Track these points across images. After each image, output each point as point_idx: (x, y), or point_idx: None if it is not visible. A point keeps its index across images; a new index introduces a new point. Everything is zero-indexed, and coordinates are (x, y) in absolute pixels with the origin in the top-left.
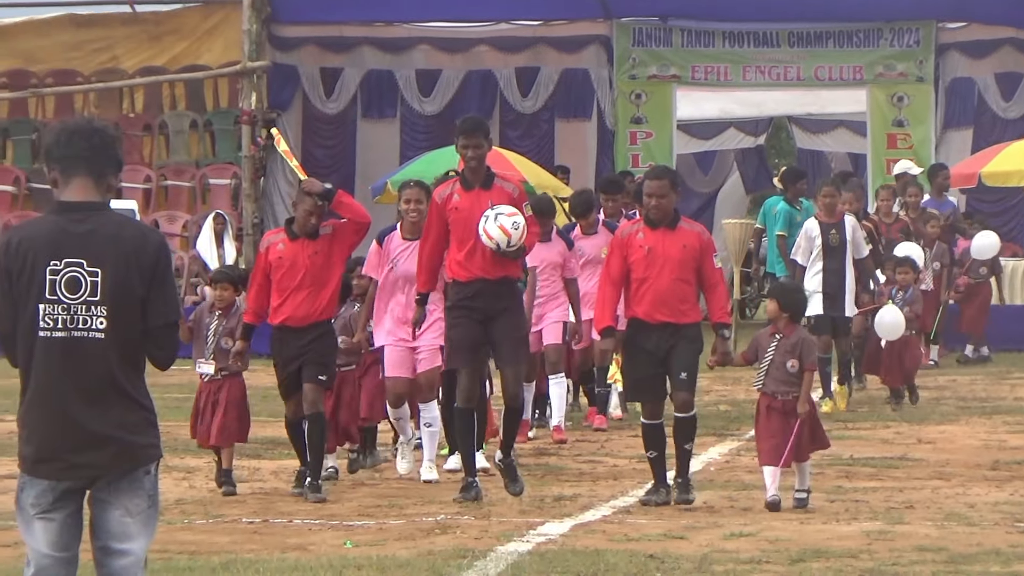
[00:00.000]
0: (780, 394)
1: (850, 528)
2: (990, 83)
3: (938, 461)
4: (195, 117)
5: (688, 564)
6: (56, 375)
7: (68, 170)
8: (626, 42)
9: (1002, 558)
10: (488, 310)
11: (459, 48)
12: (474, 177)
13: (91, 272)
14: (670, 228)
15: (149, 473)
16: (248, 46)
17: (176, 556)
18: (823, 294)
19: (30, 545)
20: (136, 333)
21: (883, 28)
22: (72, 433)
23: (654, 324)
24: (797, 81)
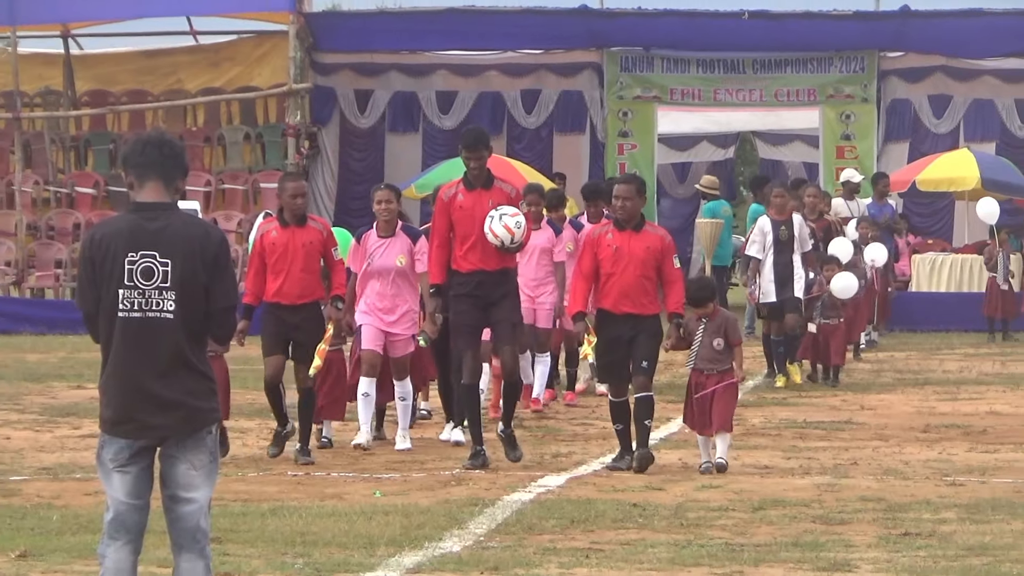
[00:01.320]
0: (707, 370)
1: (803, 481)
2: (924, 103)
3: (878, 425)
4: (248, 130)
5: (665, 511)
6: (132, 350)
7: (143, 175)
8: (615, 68)
9: (932, 507)
10: (488, 297)
11: (472, 73)
12: (476, 180)
13: (162, 263)
14: (635, 230)
15: (211, 433)
16: (293, 70)
17: (231, 503)
18: (775, 283)
19: (109, 494)
20: (200, 314)
21: (833, 56)
22: (145, 399)
23: (619, 315)
24: (760, 101)
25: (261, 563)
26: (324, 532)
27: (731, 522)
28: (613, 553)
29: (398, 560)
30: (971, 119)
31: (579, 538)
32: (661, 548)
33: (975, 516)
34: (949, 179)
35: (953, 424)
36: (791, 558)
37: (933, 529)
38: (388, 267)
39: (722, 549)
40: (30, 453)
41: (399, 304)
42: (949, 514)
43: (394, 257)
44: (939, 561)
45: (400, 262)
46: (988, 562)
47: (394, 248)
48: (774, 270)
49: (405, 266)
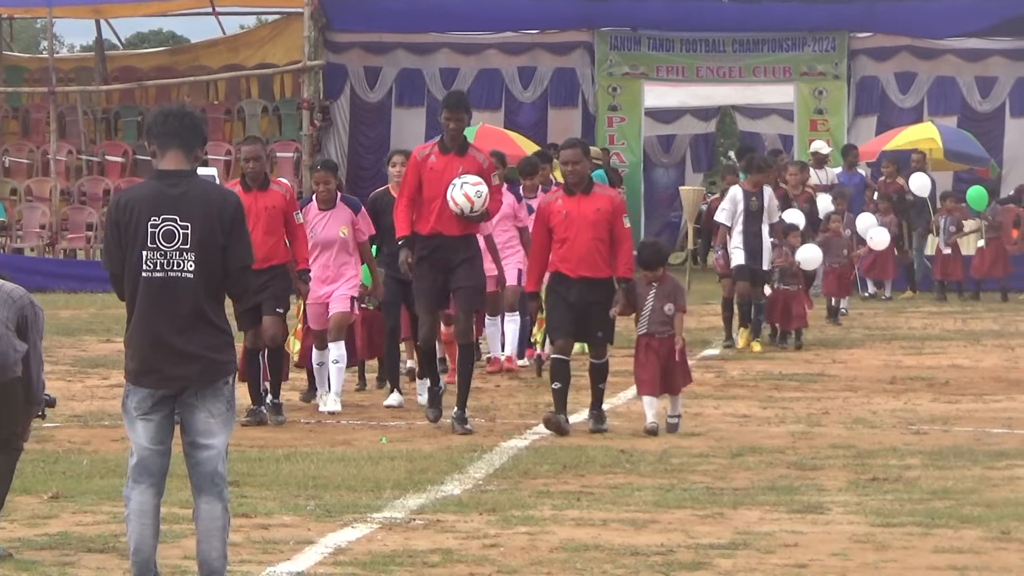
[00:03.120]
0: (658, 334)
1: (779, 429)
2: (891, 80)
3: (848, 377)
4: (266, 104)
5: (651, 457)
6: (155, 306)
7: (164, 145)
8: (605, 47)
9: (898, 453)
10: (448, 262)
11: (473, 51)
12: (452, 143)
13: (183, 226)
14: (585, 193)
15: (228, 383)
16: (308, 49)
17: (248, 449)
18: (744, 251)
19: (133, 440)
20: (218, 274)
21: (807, 36)
22: (167, 352)
23: (575, 278)
24: (739, 78)
25: (276, 504)
26: (334, 476)
27: (712, 467)
28: (602, 496)
29: (403, 502)
30: (934, 95)
31: (571, 482)
32: (647, 491)
33: (938, 462)
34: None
35: (918, 376)
36: (767, 501)
37: (899, 474)
38: (331, 238)
39: (704, 493)
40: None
41: (340, 275)
42: (914, 460)
43: (336, 228)
44: (905, 504)
45: (343, 233)
46: (950, 505)
47: (336, 219)
48: (743, 238)
49: (347, 236)
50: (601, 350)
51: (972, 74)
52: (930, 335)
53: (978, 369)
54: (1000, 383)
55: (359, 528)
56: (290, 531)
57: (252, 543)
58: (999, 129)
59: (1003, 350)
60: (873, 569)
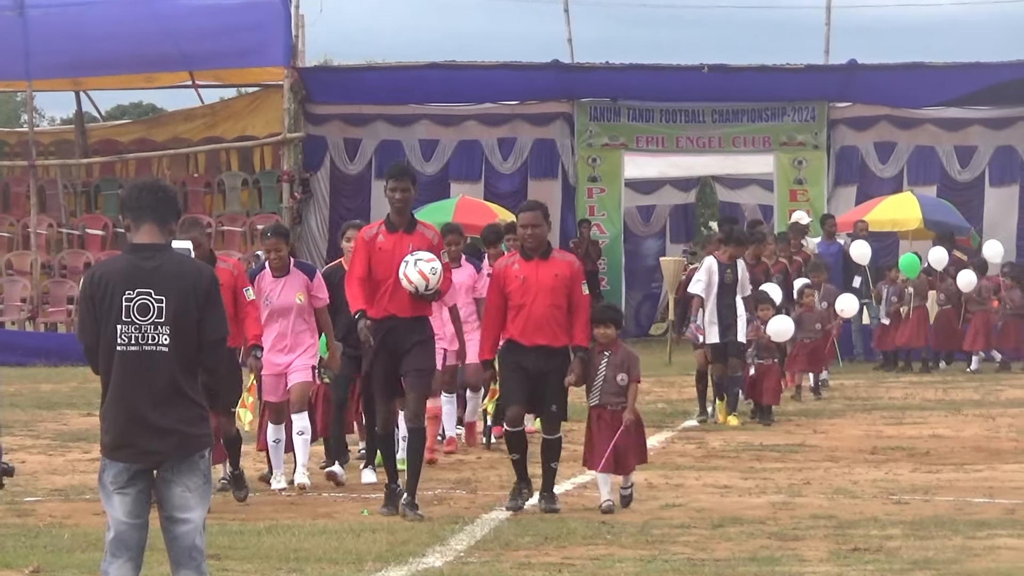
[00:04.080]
0: (611, 405)
1: (760, 500)
2: (870, 150)
3: (829, 447)
4: (246, 176)
5: (632, 528)
6: (130, 380)
7: (138, 218)
8: (584, 118)
9: (879, 524)
10: (400, 345)
11: (453, 123)
12: (399, 220)
13: (157, 299)
14: (543, 258)
15: (203, 457)
16: (287, 121)
17: (230, 522)
18: (718, 324)
19: (110, 514)
20: (193, 347)
21: (786, 106)
22: (142, 426)
23: (530, 347)
24: (719, 148)
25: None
26: (315, 549)
27: (693, 538)
28: (584, 568)
29: (384, 575)
30: (914, 164)
31: (552, 554)
32: (628, 563)
33: (919, 532)
34: (894, 220)
35: (899, 447)
36: (749, 572)
37: (880, 544)
38: (287, 305)
39: (685, 564)
40: (43, 476)
41: (297, 344)
42: (895, 530)
43: (292, 295)
44: (886, 575)
45: (299, 299)
46: (931, 575)
47: (291, 286)
48: (717, 312)
49: (304, 303)
50: (555, 425)
51: (951, 143)
52: (911, 405)
53: (959, 439)
54: (981, 452)
55: None
56: None
57: None
58: (979, 198)
59: (984, 419)
60: None
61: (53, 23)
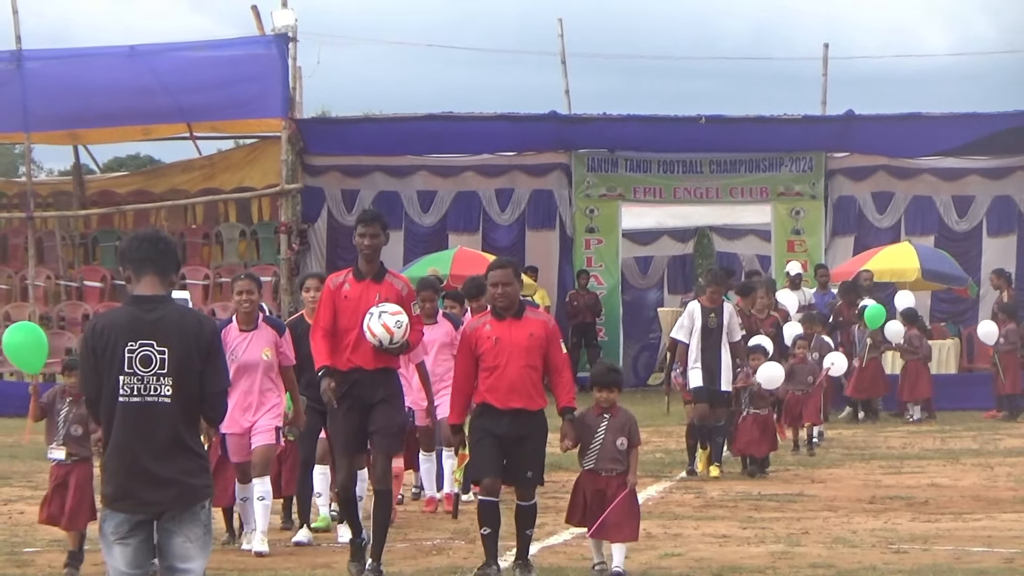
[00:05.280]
0: (606, 471)
1: (759, 549)
2: (868, 200)
3: (828, 496)
4: (244, 228)
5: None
6: (132, 431)
7: (139, 270)
8: (582, 169)
9: (878, 573)
10: (366, 399)
11: (451, 174)
12: (367, 268)
13: (160, 351)
14: (516, 317)
15: (204, 508)
16: (285, 172)
17: (229, 572)
18: (701, 369)
19: (110, 564)
20: (195, 398)
21: (783, 157)
22: (144, 477)
23: (505, 410)
24: (716, 199)
25: None
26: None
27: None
28: None
29: None
30: (912, 214)
31: None
32: None
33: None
34: (892, 270)
35: (897, 496)
36: None
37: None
38: (254, 362)
39: None
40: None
41: (263, 403)
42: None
43: (259, 351)
44: None
45: (266, 355)
46: None
47: (258, 341)
48: (700, 357)
49: (271, 359)
50: (530, 491)
51: (949, 193)
52: (909, 454)
53: (957, 488)
54: (979, 502)
55: None
56: None
57: None
58: (977, 248)
59: (982, 468)
60: None
61: (51, 76)
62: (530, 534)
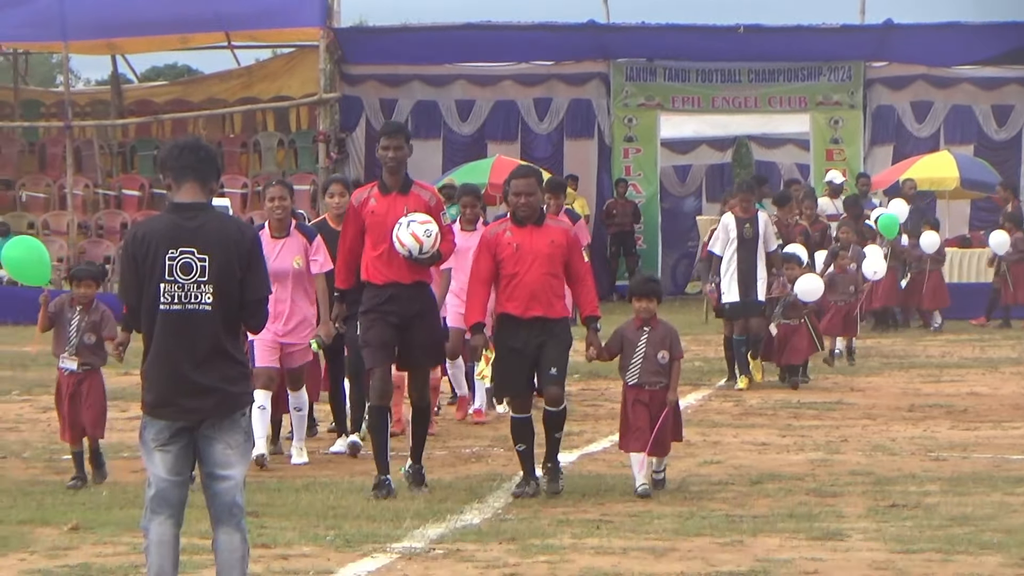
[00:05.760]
0: (649, 384)
1: (798, 457)
2: (906, 109)
3: (867, 405)
4: (282, 137)
5: (671, 485)
6: (173, 340)
7: (180, 177)
8: (621, 78)
9: (917, 480)
10: (403, 313)
11: (489, 83)
12: (392, 180)
13: (200, 258)
14: (537, 225)
15: (244, 415)
16: (323, 81)
17: (268, 480)
18: (738, 282)
19: (151, 471)
20: (236, 306)
21: (822, 66)
22: (184, 385)
23: (526, 319)
24: (755, 108)
25: (295, 535)
26: (353, 506)
27: (731, 495)
28: (622, 524)
29: (423, 532)
30: (951, 124)
31: (590, 510)
32: (666, 519)
33: (957, 489)
34: (931, 179)
35: (936, 404)
36: (787, 528)
37: (918, 501)
38: (284, 270)
39: (723, 520)
40: None
41: (295, 312)
42: (933, 487)
43: (290, 259)
44: (924, 531)
45: (297, 264)
46: (970, 531)
47: (289, 249)
48: (737, 268)
49: (302, 268)
50: (557, 394)
51: (988, 103)
52: (948, 363)
53: (996, 396)
54: (1019, 410)
55: (379, 558)
56: (310, 561)
57: (272, 573)
58: (1016, 158)
59: (1021, 377)
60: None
61: None
62: (559, 437)
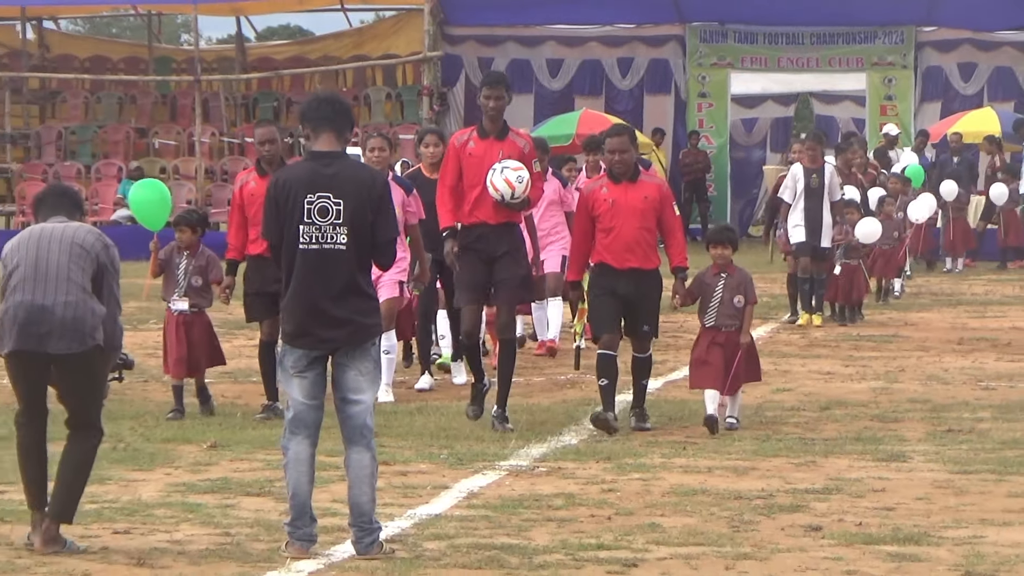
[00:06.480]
0: (725, 327)
1: (860, 386)
2: (953, 69)
3: (920, 338)
4: (389, 91)
5: (748, 411)
6: (311, 276)
7: (317, 128)
8: (695, 40)
9: (970, 407)
10: (491, 251)
11: (576, 43)
12: (491, 126)
13: (336, 202)
14: (631, 181)
15: (374, 344)
16: (427, 41)
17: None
18: (805, 227)
19: (290, 395)
20: (368, 246)
21: (877, 30)
22: (321, 317)
23: (622, 270)
24: (816, 67)
25: (412, 453)
26: (463, 428)
27: (803, 420)
28: (706, 445)
29: (526, 451)
30: (993, 83)
31: (676, 433)
32: (746, 442)
33: (1007, 415)
34: (975, 132)
35: (983, 338)
36: (855, 450)
37: (972, 426)
38: None
39: (797, 443)
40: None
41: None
42: (985, 414)
43: None
44: (979, 453)
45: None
46: (1020, 454)
47: None
48: (805, 215)
49: (399, 217)
50: (645, 343)
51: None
52: (991, 300)
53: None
54: None
55: (489, 475)
56: (427, 477)
57: (393, 488)
58: None
59: None
60: (954, 512)
61: None
62: (645, 384)
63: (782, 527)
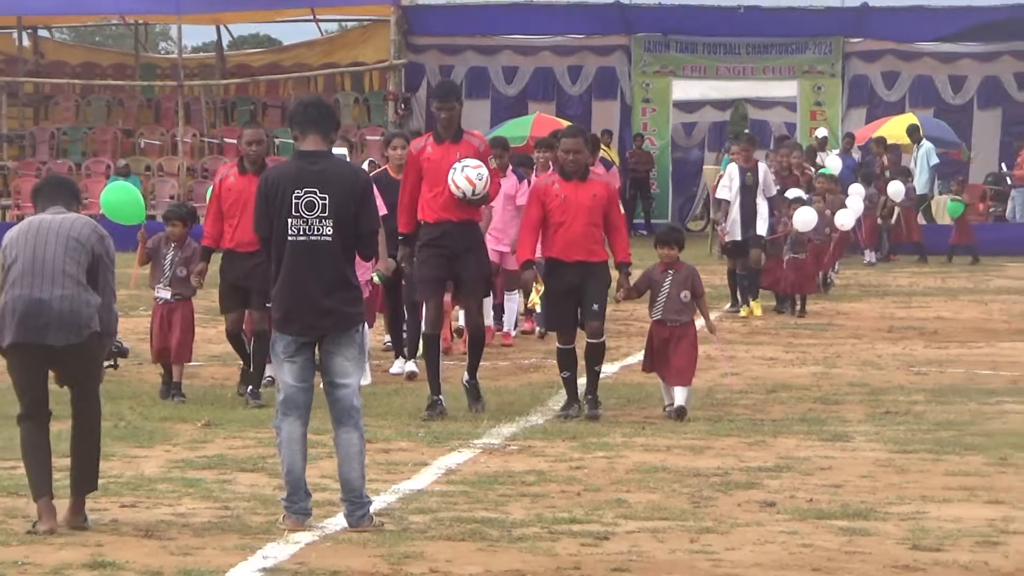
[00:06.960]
0: (670, 321)
1: (802, 370)
2: (878, 78)
3: (852, 326)
4: (357, 96)
5: (699, 393)
6: (299, 266)
7: (304, 129)
8: (640, 49)
9: (905, 391)
10: (454, 248)
11: (530, 52)
12: (446, 132)
13: (322, 197)
14: (581, 180)
15: (359, 331)
16: (393, 50)
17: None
18: (740, 223)
19: (281, 379)
20: (352, 238)
21: (808, 41)
22: (309, 305)
23: (569, 263)
24: (751, 75)
25: (393, 432)
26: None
27: (751, 402)
28: (663, 426)
29: (498, 430)
30: (914, 90)
31: (635, 414)
32: (700, 422)
33: (939, 399)
34: (898, 136)
35: (910, 326)
36: (801, 431)
37: (908, 408)
38: None
39: (747, 423)
40: (201, 345)
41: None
42: (919, 397)
43: None
44: (916, 434)
45: None
46: (954, 435)
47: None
48: (740, 211)
49: None
50: (597, 327)
51: (946, 73)
52: (915, 291)
53: (959, 320)
54: (980, 332)
55: (464, 452)
56: (408, 455)
57: (377, 464)
58: (968, 120)
59: (978, 304)
60: (898, 489)
61: None
62: (598, 370)
63: (739, 503)
